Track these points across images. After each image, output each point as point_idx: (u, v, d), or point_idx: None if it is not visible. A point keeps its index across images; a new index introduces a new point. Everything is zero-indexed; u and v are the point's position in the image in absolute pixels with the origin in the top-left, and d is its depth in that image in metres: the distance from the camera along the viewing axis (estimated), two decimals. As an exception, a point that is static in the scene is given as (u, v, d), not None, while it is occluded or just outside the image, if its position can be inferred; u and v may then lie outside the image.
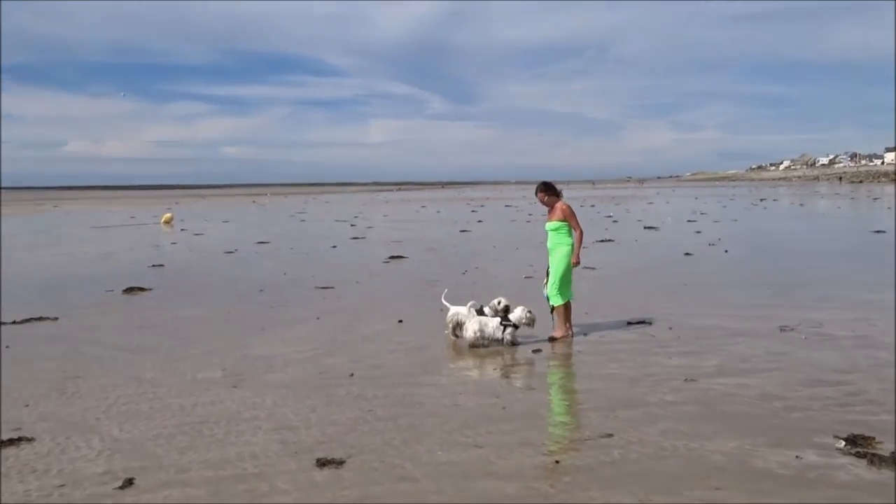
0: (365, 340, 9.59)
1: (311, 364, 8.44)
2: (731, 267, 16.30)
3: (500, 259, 18.60)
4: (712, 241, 22.18)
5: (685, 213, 39.19)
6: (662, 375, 7.74)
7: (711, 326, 9.98)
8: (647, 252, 19.90)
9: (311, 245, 23.81)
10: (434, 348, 9.14)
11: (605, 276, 15.23)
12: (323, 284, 14.47)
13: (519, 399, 7.18)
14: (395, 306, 12.00)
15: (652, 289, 13.43)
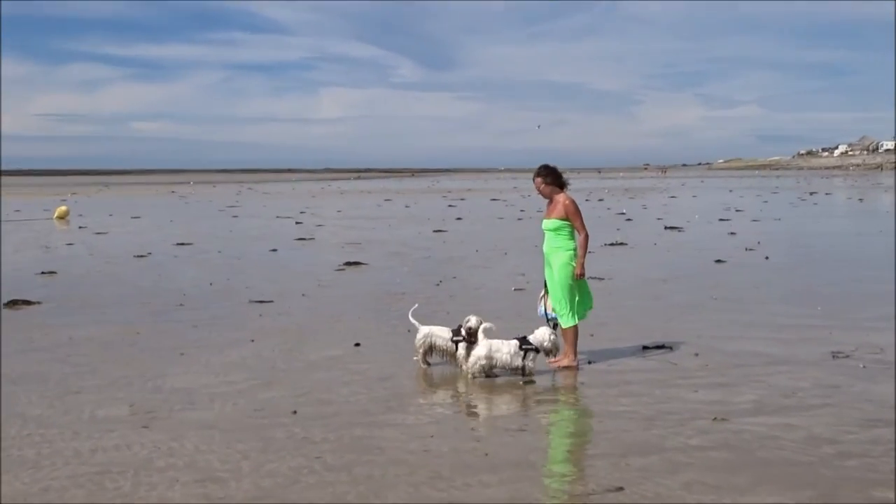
0: (312, 369, 9.57)
1: (243, 398, 8.41)
2: (773, 277, 16.49)
3: (485, 266, 18.65)
4: (749, 244, 22.43)
5: (716, 210, 39.57)
6: (686, 413, 7.80)
7: (747, 352, 10.08)
8: (668, 258, 20.07)
9: (244, 248, 23.72)
10: (399, 379, 9.14)
11: (616, 288, 15.33)
12: (259, 297, 14.43)
13: (506, 443, 7.19)
14: (351, 326, 11.98)
15: (674, 304, 13.54)
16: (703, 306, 13.33)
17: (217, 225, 33.34)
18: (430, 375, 9.35)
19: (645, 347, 10.37)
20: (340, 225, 33.24)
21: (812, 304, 13.24)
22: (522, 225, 31.94)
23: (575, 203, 9.71)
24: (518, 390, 8.72)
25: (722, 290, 14.81)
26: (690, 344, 10.52)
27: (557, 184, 9.85)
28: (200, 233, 28.88)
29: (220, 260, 20.55)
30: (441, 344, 9.48)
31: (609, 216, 36.76)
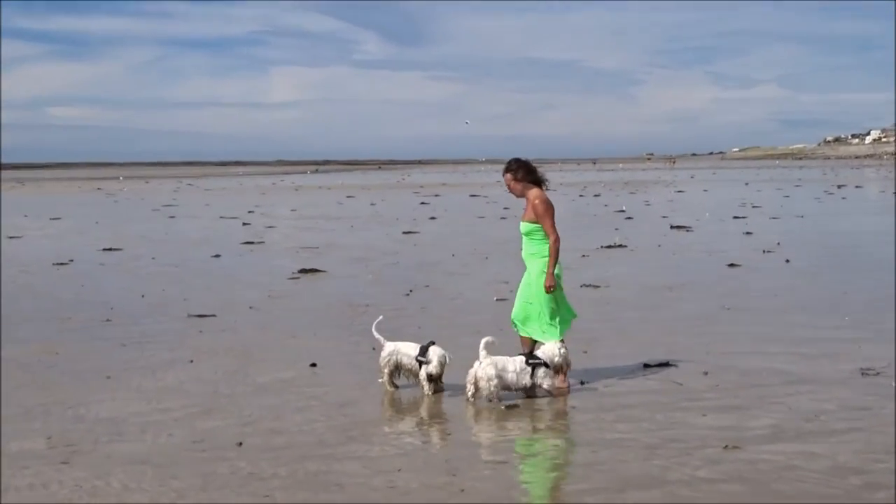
0: (260, 393, 9.55)
1: (180, 428, 8.38)
2: (794, 283, 16.62)
3: (462, 273, 18.70)
4: (768, 246, 22.60)
5: (730, 207, 39.84)
6: (693, 441, 7.85)
7: (764, 370, 10.15)
8: (673, 262, 20.18)
9: (183, 253, 23.62)
10: (362, 404, 9.14)
11: (614, 297, 15.40)
12: (200, 311, 14.39)
13: (484, 478, 7.21)
14: (307, 343, 11.97)
15: (680, 316, 13.62)
16: (713, 317, 13.42)
17: (151, 227, 33.17)
18: (398, 400, 9.36)
19: (646, 365, 10.42)
20: (295, 226, 33.16)
21: (839, 314, 13.36)
22: (506, 225, 31.96)
23: (546, 201, 9.77)
24: (499, 416, 8.74)
25: (735, 299, 14.91)
26: (699, 361, 10.58)
27: (530, 180, 9.91)
28: (131, 236, 28.73)
29: (154, 268, 20.46)
30: (407, 363, 9.50)
31: (606, 214, 36.91)
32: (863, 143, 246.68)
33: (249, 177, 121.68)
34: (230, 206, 46.90)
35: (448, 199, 52.23)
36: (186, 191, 71.64)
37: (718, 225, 30.67)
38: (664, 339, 11.86)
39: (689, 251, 22.30)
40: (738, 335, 12.09)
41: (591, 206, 42.59)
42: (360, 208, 43.78)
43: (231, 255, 23.13)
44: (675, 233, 27.68)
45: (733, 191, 58.20)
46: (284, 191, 70.14)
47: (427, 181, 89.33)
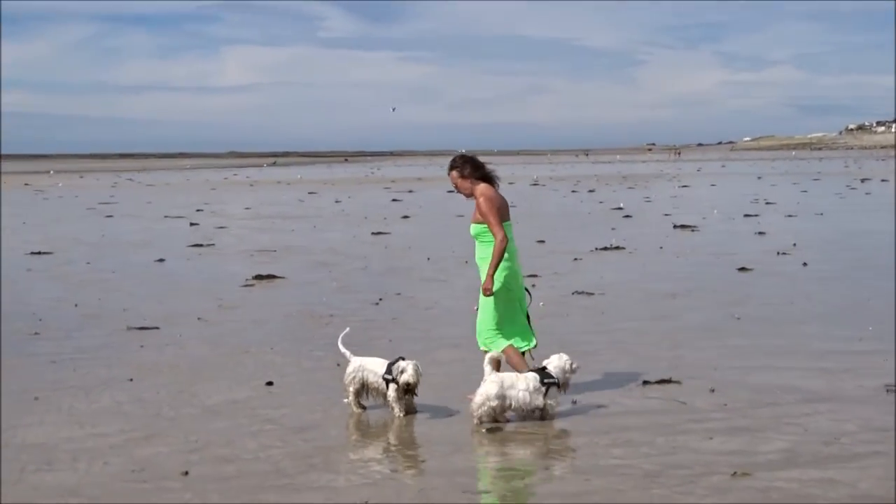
0: (209, 416, 9.53)
1: (117, 456, 8.35)
2: (812, 290, 16.71)
3: (439, 279, 18.70)
4: (783, 247, 22.71)
5: (741, 203, 40.04)
6: (698, 467, 7.87)
7: (777, 387, 10.20)
8: (677, 266, 20.25)
9: (121, 257, 23.55)
10: (325, 427, 9.13)
11: (610, 305, 15.45)
12: (141, 323, 14.35)
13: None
14: (262, 359, 11.96)
15: (684, 326, 13.67)
16: (721, 328, 13.48)
17: (85, 228, 33.05)
18: (365, 423, 9.36)
19: (646, 382, 10.46)
20: (249, 226, 33.09)
21: (861, 324, 13.42)
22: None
23: (490, 198, 9.87)
24: (479, 441, 8.75)
25: (746, 307, 14.98)
26: (705, 377, 10.62)
27: (478, 176, 10.06)
28: (63, 238, 28.61)
29: (89, 274, 20.38)
30: (374, 381, 9.49)
31: (601, 212, 37.01)
32: (889, 131, 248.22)
33: (198, 170, 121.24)
34: (176, 203, 46.74)
35: (423, 195, 52.23)
36: (126, 186, 71.34)
37: (728, 224, 30.79)
38: (666, 353, 11.90)
39: (694, 253, 22.39)
40: (748, 348, 12.14)
41: (584, 203, 42.70)
42: (324, 206, 43.72)
43: (176, 259, 23.05)
44: (678, 233, 27.78)
45: (744, 185, 58.47)
46: (238, 186, 69.95)
47: (399, 175, 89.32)
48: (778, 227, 29.08)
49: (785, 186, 55.83)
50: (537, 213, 37.11)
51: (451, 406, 9.72)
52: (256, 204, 46.12)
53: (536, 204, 42.80)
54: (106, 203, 48.02)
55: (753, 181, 64.65)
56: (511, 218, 10.22)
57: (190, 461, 8.19)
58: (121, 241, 28.10)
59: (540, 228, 29.22)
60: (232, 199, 52.02)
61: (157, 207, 43.93)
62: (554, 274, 18.98)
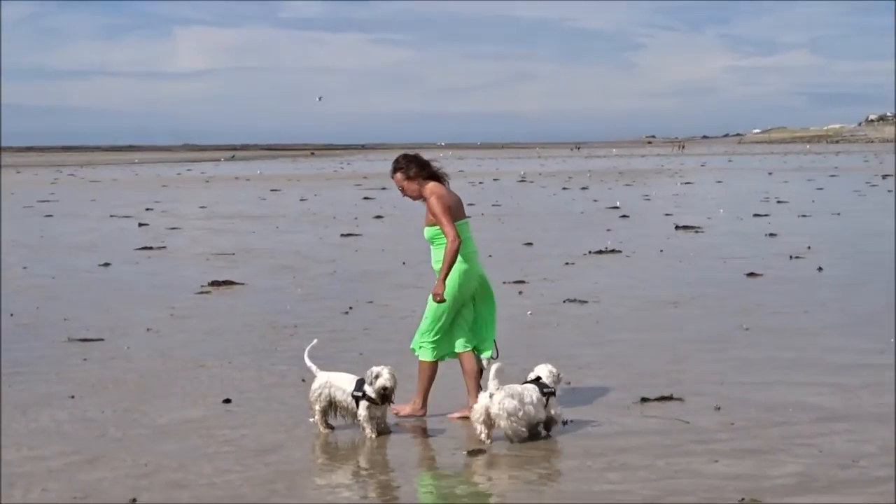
0: (160, 437, 9.49)
1: (58, 481, 8.31)
2: (828, 297, 16.77)
3: (415, 285, 18.64)
4: (796, 250, 22.78)
5: (749, 202, 40.18)
6: (702, 492, 7.89)
7: (790, 404, 10.22)
8: (679, 272, 20.30)
9: (63, 262, 23.46)
10: (288, 450, 9.11)
11: (605, 314, 15.47)
12: (84, 334, 14.29)
13: (443, 540, 7.21)
14: (219, 374, 11.93)
15: (687, 338, 13.70)
16: (728, 339, 13.51)
17: (22, 228, 32.89)
18: (333, 444, 9.34)
19: (644, 399, 10.46)
20: (205, 227, 33.02)
21: (882, 336, 13.45)
22: (472, 225, 31.96)
23: (441, 196, 9.94)
24: (458, 464, 8.72)
25: (756, 317, 15.02)
26: (709, 394, 10.64)
27: (426, 175, 10.17)
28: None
29: (26, 279, 20.28)
30: (342, 399, 9.47)
31: (595, 211, 37.07)
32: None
33: (147, 165, 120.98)
34: (123, 201, 46.61)
35: (398, 193, 52.01)
36: (68, 183, 71.09)
37: (735, 224, 30.89)
38: (667, 367, 11.92)
39: (698, 257, 22.45)
40: (758, 361, 12.17)
41: (577, 202, 42.78)
42: (288, 205, 43.67)
43: (124, 263, 22.98)
44: (681, 234, 27.86)
45: (754, 182, 58.68)
46: (192, 183, 69.80)
47: (372, 171, 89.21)
48: (790, 228, 29.19)
49: (798, 183, 56.08)
50: (525, 212, 37.20)
51: (428, 426, 9.72)
52: (213, 202, 46.03)
53: (524, 202, 42.92)
54: (45, 201, 47.80)
55: (763, 177, 64.90)
56: (467, 215, 10.34)
57: (138, 487, 8.15)
58: (62, 243, 27.99)
59: (527, 230, 29.29)
60: (185, 196, 51.91)
61: (103, 206, 43.77)
62: (543, 280, 19.01)
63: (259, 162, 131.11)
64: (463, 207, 10.22)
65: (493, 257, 22.51)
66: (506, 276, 19.01)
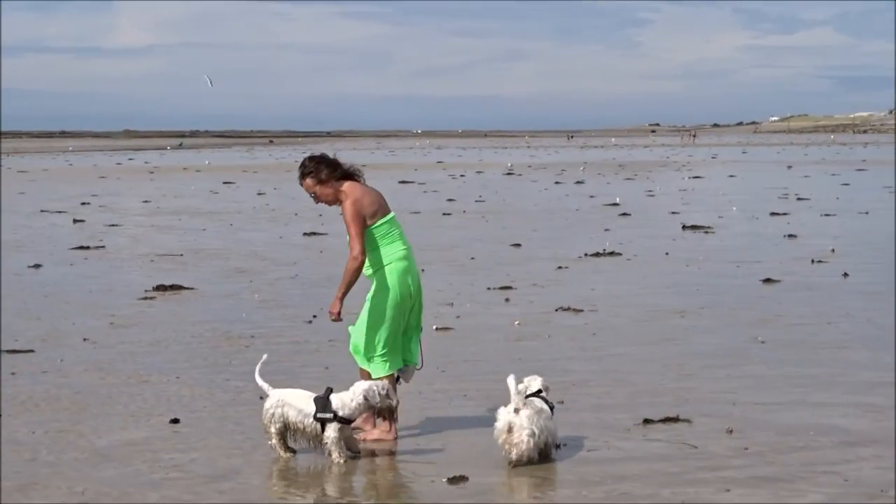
0: (99, 461, 9.47)
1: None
2: (854, 306, 16.80)
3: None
4: (818, 254, 22.83)
5: (766, 198, 40.25)
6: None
7: (811, 426, 10.24)
8: (686, 277, 20.33)
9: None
10: (245, 475, 9.11)
11: (603, 325, 15.49)
12: (12, 345, 14.24)
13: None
14: (165, 390, 11.91)
15: (695, 351, 13.72)
16: (741, 354, 13.54)
17: (-60, 224, 32.71)
18: (294, 470, 9.34)
19: (647, 421, 10.47)
20: (149, 224, 32.95)
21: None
22: (452, 223, 32.05)
23: (356, 200, 10.03)
24: (438, 491, 8.69)
25: (773, 329, 15.08)
26: (720, 415, 10.67)
27: (339, 176, 10.23)
28: (-89, 238, 28.34)
29: (-55, 283, 20.20)
30: (297, 420, 9.43)
31: (592, 209, 37.09)
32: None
33: (83, 153, 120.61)
34: (56, 195, 46.44)
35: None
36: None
37: (750, 224, 30.96)
38: (672, 385, 11.96)
39: (708, 261, 22.49)
40: (775, 379, 12.21)
41: (571, 198, 42.79)
42: (244, 199, 43.59)
43: (57, 264, 22.94)
44: (689, 235, 27.92)
45: (770, 176, 58.79)
46: (134, 174, 69.63)
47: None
48: (812, 228, 29.28)
49: (821, 178, 56.19)
50: (512, 209, 37.20)
51: (403, 448, 9.74)
52: (158, 196, 45.92)
53: (511, 198, 42.90)
54: (-33, 194, 47.63)
55: (782, 171, 65.04)
56: (392, 210, 10.37)
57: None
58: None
59: (515, 229, 29.30)
60: (127, 189, 51.78)
61: (33, 199, 43.64)
62: (532, 285, 19.05)
63: (210, 151, 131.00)
64: (385, 202, 10.28)
65: (476, 259, 22.61)
66: (490, 280, 19.07)
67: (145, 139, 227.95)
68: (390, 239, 10.10)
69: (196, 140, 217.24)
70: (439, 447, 9.76)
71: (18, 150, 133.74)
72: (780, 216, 32.97)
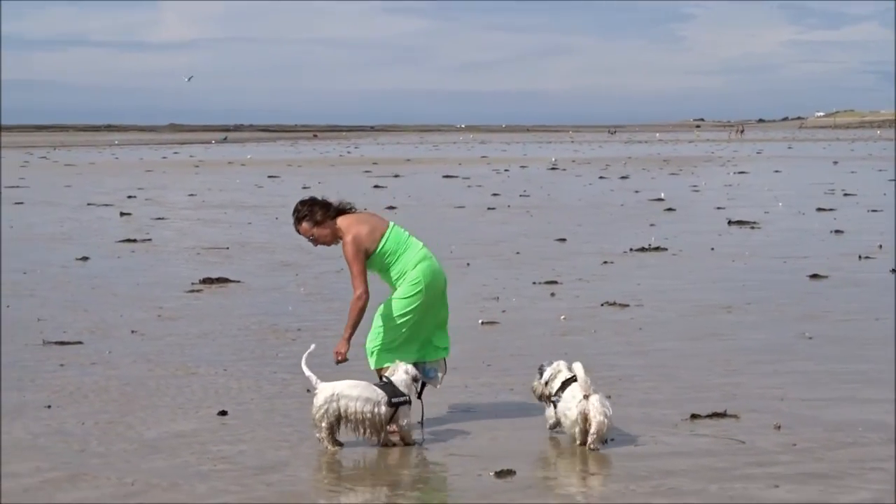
0: (148, 452, 9.51)
1: (34, 501, 8.32)
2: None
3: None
4: (866, 249, 22.70)
5: (812, 194, 40.07)
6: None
7: (859, 422, 10.20)
8: (733, 273, 20.26)
9: (35, 255, 23.49)
10: (294, 468, 9.13)
11: (649, 320, 15.45)
12: (60, 337, 14.34)
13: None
14: (213, 382, 11.98)
15: (742, 347, 13.68)
16: (789, 350, 13.50)
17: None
18: (342, 462, 9.35)
19: (695, 416, 10.44)
20: (195, 218, 33.07)
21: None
22: (496, 218, 32.02)
23: (354, 238, 10.05)
24: (486, 486, 8.68)
25: (820, 324, 15.02)
26: (768, 410, 10.63)
27: (334, 215, 10.29)
28: (-40, 230, 28.51)
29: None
30: (361, 409, 9.44)
31: (637, 204, 36.98)
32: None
33: (129, 147, 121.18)
34: (102, 188, 46.69)
35: (413, 180, 52.20)
36: (40, 166, 71.22)
37: (796, 220, 30.83)
38: (720, 380, 11.92)
39: (754, 257, 22.43)
40: (823, 375, 12.17)
41: (616, 193, 42.68)
42: (288, 193, 43.54)
43: (104, 257, 23.08)
44: (734, 230, 27.80)
45: (816, 172, 58.46)
46: (179, 168, 69.84)
47: (383, 156, 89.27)
48: (859, 224, 29.12)
49: (867, 173, 55.82)
50: (557, 204, 37.15)
51: (450, 442, 9.75)
52: (203, 190, 46.08)
53: (556, 193, 42.84)
54: (14, 187, 47.81)
55: (828, 167, 64.66)
56: (394, 218, 10.62)
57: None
58: (34, 234, 28.13)
59: (560, 224, 29.25)
60: (172, 183, 51.97)
61: (79, 193, 43.88)
62: (578, 280, 19.04)
63: (255, 145, 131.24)
64: (378, 218, 10.40)
65: (521, 254, 22.57)
66: (536, 275, 19.04)
67: (190, 133, 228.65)
68: (404, 246, 10.20)
69: (240, 134, 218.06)
70: (486, 441, 9.75)
71: (65, 144, 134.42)
72: (826, 212, 32.80)
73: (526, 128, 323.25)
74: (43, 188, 47.39)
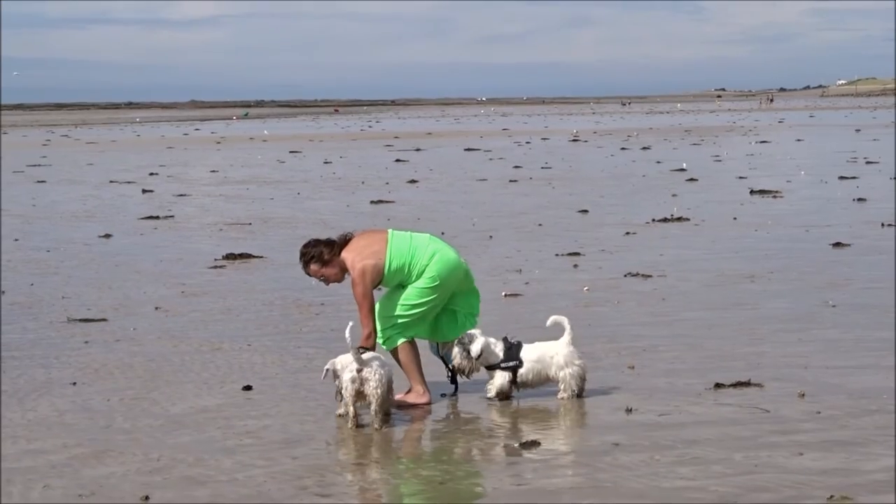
0: (174, 428, 9.54)
1: (61, 477, 8.34)
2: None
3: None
4: (888, 217, 22.60)
5: (834, 162, 39.90)
6: (785, 490, 7.86)
7: (883, 390, 10.15)
8: (755, 242, 20.21)
9: (58, 233, 23.58)
10: (317, 442, 9.13)
11: (672, 290, 15.43)
12: (85, 314, 14.38)
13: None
14: (237, 357, 12.00)
15: (765, 315, 13.64)
16: (812, 318, 13.46)
17: (12, 195, 33.01)
18: (367, 435, 9.35)
19: (719, 385, 10.43)
20: (217, 194, 33.09)
21: None
22: (519, 190, 31.98)
23: (363, 272, 10.16)
24: (510, 455, 8.71)
25: (844, 292, 14.97)
26: (792, 379, 10.61)
27: (338, 252, 10.43)
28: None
29: (18, 253, 20.41)
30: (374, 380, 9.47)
31: (660, 174, 36.91)
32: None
33: (150, 124, 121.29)
34: (124, 165, 46.77)
35: (435, 154, 52.13)
36: (61, 144, 71.35)
37: (818, 188, 30.74)
38: (743, 349, 11.90)
39: (777, 226, 22.36)
40: (847, 343, 12.13)
41: (638, 164, 42.59)
42: (310, 168, 43.69)
43: (127, 234, 23.14)
44: (757, 199, 27.73)
45: (839, 140, 58.23)
46: (201, 144, 69.88)
47: (404, 129, 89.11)
48: (882, 192, 28.97)
49: (889, 141, 55.45)
50: (578, 175, 37.09)
51: (474, 414, 9.77)
52: (225, 166, 46.12)
53: (577, 164, 42.76)
54: (37, 165, 47.99)
55: (850, 135, 64.36)
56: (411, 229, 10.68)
57: (151, 484, 8.20)
58: (57, 211, 28.19)
59: (582, 195, 29.22)
60: (194, 159, 52.03)
61: (101, 170, 43.98)
62: (601, 251, 19.01)
63: (276, 120, 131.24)
64: (373, 232, 10.55)
65: (544, 226, 22.57)
66: (559, 247, 19.04)
67: (211, 109, 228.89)
68: (409, 254, 10.22)
69: (261, 110, 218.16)
70: (511, 412, 9.78)
71: (87, 122, 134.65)
72: (848, 180, 32.65)
73: (550, 99, 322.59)
74: (65, 166, 47.52)
